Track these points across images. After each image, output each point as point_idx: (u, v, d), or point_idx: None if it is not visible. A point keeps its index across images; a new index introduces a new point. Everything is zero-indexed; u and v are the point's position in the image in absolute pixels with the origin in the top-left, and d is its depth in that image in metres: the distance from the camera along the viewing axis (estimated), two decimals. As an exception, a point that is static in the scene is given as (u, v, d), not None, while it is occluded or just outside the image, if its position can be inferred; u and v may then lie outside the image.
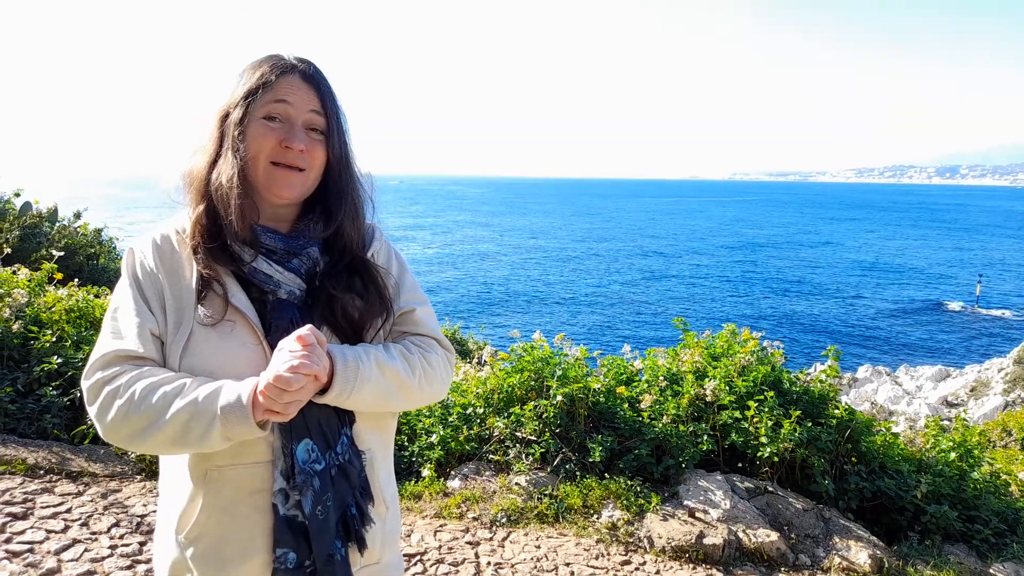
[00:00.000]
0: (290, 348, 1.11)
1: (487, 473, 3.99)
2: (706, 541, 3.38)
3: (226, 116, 1.25)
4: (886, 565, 3.37)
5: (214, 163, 1.25)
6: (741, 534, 3.47)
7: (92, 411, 1.15)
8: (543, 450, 3.97)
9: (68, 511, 3.26)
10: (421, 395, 1.34)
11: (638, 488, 3.75)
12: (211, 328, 1.20)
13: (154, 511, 3.34)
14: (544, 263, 49.15)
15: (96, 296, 5.17)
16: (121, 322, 1.20)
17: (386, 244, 1.45)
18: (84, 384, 1.17)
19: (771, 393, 4.02)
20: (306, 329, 1.13)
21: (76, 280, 5.55)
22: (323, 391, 1.17)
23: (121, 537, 3.09)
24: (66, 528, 3.11)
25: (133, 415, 1.12)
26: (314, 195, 1.32)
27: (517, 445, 4.09)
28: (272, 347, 1.19)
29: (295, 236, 1.29)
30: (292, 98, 1.23)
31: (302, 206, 1.33)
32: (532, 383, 4.26)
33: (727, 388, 4.10)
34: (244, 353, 1.20)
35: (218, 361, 1.19)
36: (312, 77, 1.27)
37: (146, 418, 1.12)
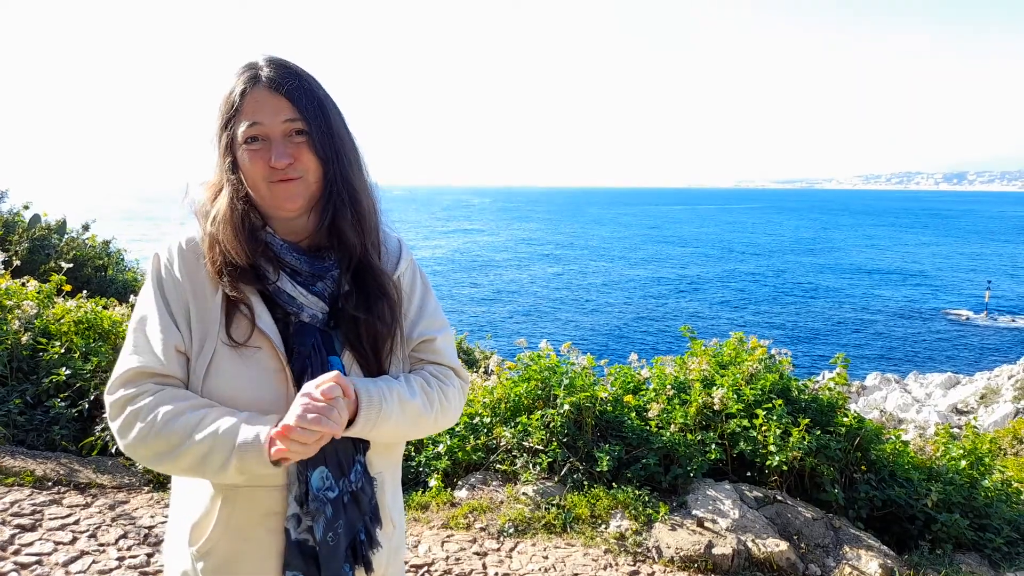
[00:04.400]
0: (313, 396, 1.10)
1: (494, 483, 3.98)
2: (715, 551, 3.36)
3: (216, 144, 1.25)
4: (897, 574, 3.34)
5: (215, 189, 1.27)
6: (750, 544, 3.45)
7: (113, 426, 1.16)
8: (550, 460, 3.96)
9: (76, 523, 3.27)
10: (435, 427, 1.36)
11: (646, 498, 3.73)
12: (235, 350, 1.20)
13: (162, 522, 3.35)
14: (550, 272, 49.12)
15: (104, 308, 5.19)
16: (147, 336, 1.20)
17: (412, 264, 1.43)
18: (107, 399, 1.17)
19: (779, 401, 4.00)
20: (331, 380, 1.11)
21: (85, 292, 5.58)
22: (347, 424, 1.17)
23: (129, 549, 3.09)
24: (74, 540, 3.11)
25: (152, 440, 1.13)
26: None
27: (524, 455, 4.08)
28: (294, 372, 1.20)
29: (320, 258, 1.27)
30: (262, 116, 1.19)
31: (317, 215, 1.29)
32: (539, 392, 4.25)
33: (735, 396, 4.08)
34: (267, 378, 1.21)
35: (241, 384, 1.19)
36: (277, 83, 1.20)
37: (166, 444, 1.12)
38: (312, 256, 1.27)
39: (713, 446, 3.98)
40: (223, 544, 1.21)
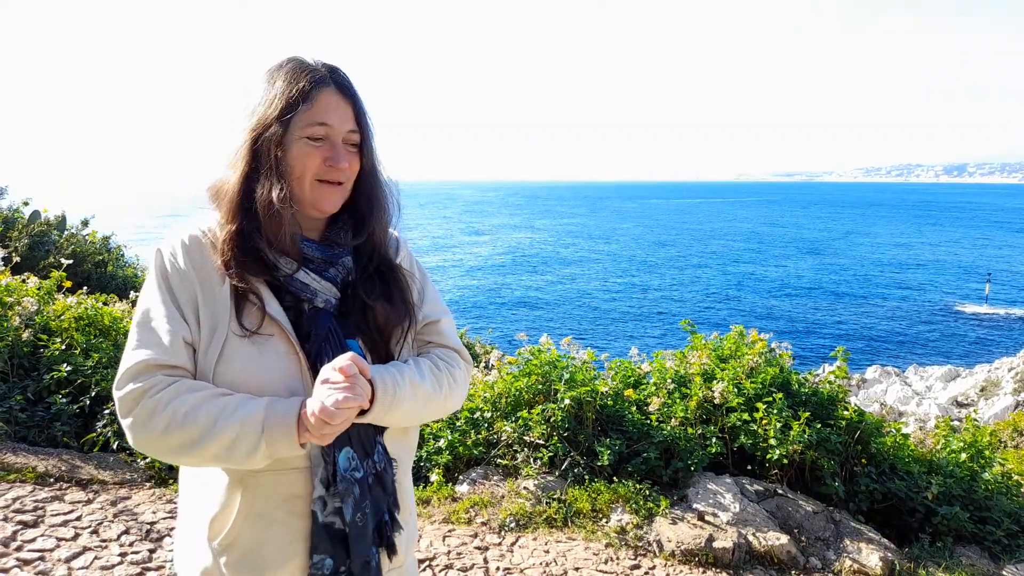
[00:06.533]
0: (332, 379, 1.11)
1: (495, 478, 3.99)
2: (716, 544, 3.37)
3: (259, 132, 1.22)
4: (897, 567, 3.35)
5: (247, 179, 1.23)
6: (751, 537, 3.46)
7: (126, 423, 1.14)
8: (551, 454, 3.96)
9: (78, 519, 3.27)
10: (443, 410, 1.38)
11: (647, 491, 3.74)
12: (246, 338, 1.20)
13: (164, 518, 3.35)
14: (551, 266, 49.12)
15: (105, 304, 5.19)
16: (153, 329, 1.18)
17: (409, 254, 1.48)
18: (116, 394, 1.15)
19: (780, 395, 4.00)
20: (347, 359, 1.13)
21: (85, 288, 5.58)
22: (362, 411, 1.18)
23: (131, 544, 3.10)
24: (76, 536, 3.12)
25: (175, 431, 1.11)
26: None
27: (525, 449, 4.08)
28: (308, 356, 1.22)
29: (330, 245, 1.30)
30: (332, 119, 1.23)
31: (332, 215, 1.34)
32: (540, 387, 4.25)
33: (735, 390, 4.09)
34: (280, 363, 1.21)
35: (253, 370, 1.19)
36: (348, 90, 1.27)
37: (190, 434, 1.11)
38: (323, 243, 1.30)
39: (714, 440, 3.99)
40: (246, 533, 1.21)
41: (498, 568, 3.20)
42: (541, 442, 4.05)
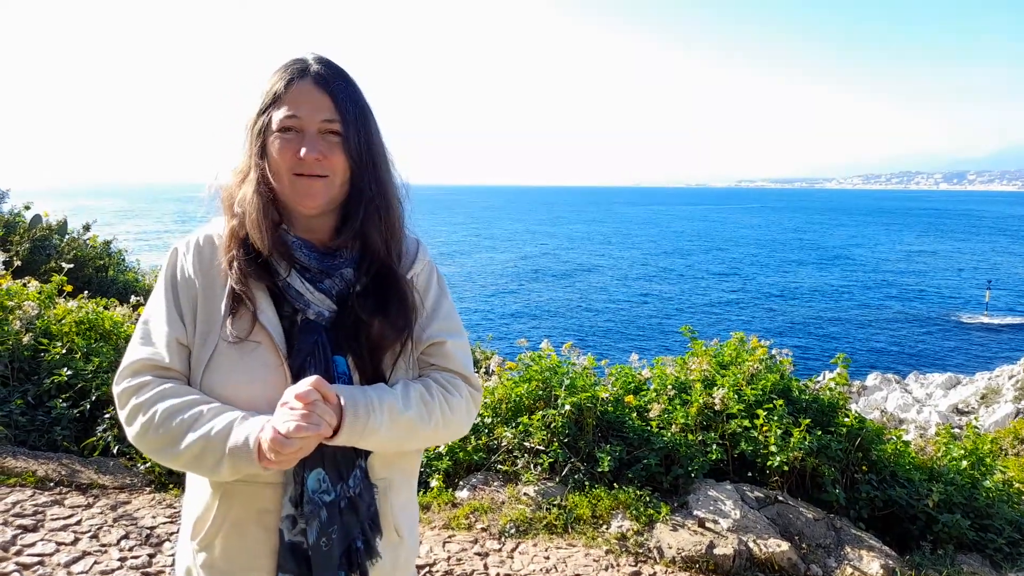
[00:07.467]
0: (291, 405, 1.09)
1: (495, 483, 3.98)
2: (716, 551, 3.36)
3: (249, 130, 1.26)
4: (899, 575, 3.34)
5: (242, 176, 1.27)
6: (751, 544, 3.45)
7: (120, 415, 1.20)
8: (551, 460, 3.96)
9: (78, 523, 3.27)
10: (435, 439, 1.32)
11: (647, 498, 3.73)
12: (235, 346, 1.20)
13: (163, 523, 3.36)
14: (551, 272, 49.12)
15: (106, 308, 5.20)
16: (152, 329, 1.23)
17: (429, 265, 1.41)
18: (114, 388, 1.20)
19: (780, 401, 4.00)
20: (308, 384, 1.10)
21: (86, 292, 5.58)
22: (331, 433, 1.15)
23: (131, 549, 3.10)
24: (76, 540, 3.12)
25: (152, 436, 1.15)
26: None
27: (525, 455, 4.08)
28: (292, 369, 1.19)
29: (331, 255, 1.26)
30: (302, 110, 1.20)
31: (339, 217, 1.30)
32: (540, 392, 4.25)
33: (736, 397, 4.08)
34: (264, 374, 1.20)
35: (238, 379, 1.19)
36: (325, 80, 1.22)
37: (163, 441, 1.15)
38: (322, 253, 1.26)
39: (714, 446, 3.98)
40: (220, 539, 1.22)
41: (498, 574, 3.20)
42: (541, 448, 4.04)
